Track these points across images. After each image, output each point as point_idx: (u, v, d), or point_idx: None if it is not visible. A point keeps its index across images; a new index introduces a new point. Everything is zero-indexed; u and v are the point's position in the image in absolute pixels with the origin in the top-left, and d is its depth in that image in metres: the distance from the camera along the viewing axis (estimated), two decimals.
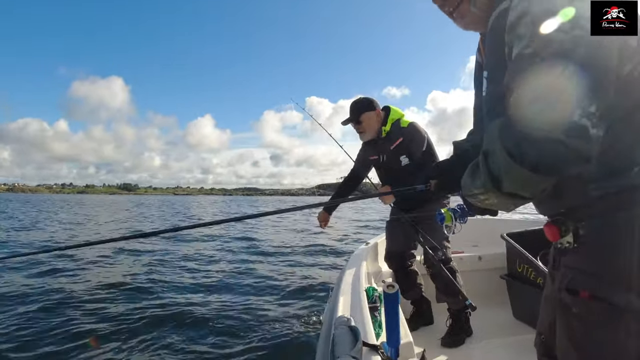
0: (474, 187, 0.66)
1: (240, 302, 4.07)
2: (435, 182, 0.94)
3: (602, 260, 0.64)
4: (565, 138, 0.50)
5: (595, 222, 0.65)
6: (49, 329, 3.23)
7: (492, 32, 0.73)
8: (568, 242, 0.68)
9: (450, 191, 0.87)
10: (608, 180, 0.62)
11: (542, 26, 0.53)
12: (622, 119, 0.61)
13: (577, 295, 0.66)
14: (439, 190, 0.94)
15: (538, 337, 0.86)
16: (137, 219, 16.42)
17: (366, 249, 2.60)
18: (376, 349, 1.10)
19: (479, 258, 2.77)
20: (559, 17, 0.52)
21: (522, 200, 0.62)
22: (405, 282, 2.28)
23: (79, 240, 8.43)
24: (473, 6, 0.78)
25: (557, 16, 0.52)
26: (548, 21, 0.52)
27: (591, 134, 0.50)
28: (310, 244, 8.72)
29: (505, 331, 2.19)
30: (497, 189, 0.60)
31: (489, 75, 0.78)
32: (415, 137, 2.13)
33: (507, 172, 0.56)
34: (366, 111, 2.15)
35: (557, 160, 0.51)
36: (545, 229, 0.70)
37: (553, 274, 0.77)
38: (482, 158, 0.61)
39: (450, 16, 0.84)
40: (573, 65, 0.50)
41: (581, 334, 0.67)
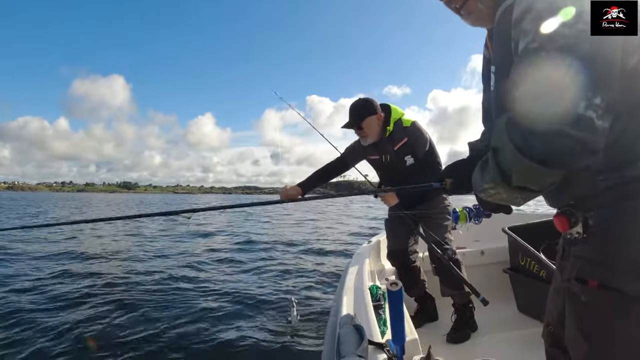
0: (484, 181, 0.66)
1: (245, 300, 4.08)
2: (450, 181, 0.95)
3: (610, 249, 0.65)
4: (571, 130, 0.50)
5: (604, 212, 0.66)
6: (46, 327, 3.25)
7: (498, 27, 0.74)
8: (577, 232, 0.69)
9: (465, 191, 0.87)
10: (616, 171, 0.63)
11: (547, 21, 0.53)
12: (627, 113, 0.61)
13: (586, 285, 0.67)
14: (454, 189, 0.94)
15: (546, 329, 0.87)
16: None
17: (368, 247, 2.61)
18: (382, 347, 1.11)
19: (482, 252, 2.78)
20: (562, 12, 0.52)
21: (532, 194, 0.63)
22: (409, 280, 2.29)
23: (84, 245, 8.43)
24: (480, 2, 0.79)
25: (560, 11, 0.52)
26: (552, 16, 0.53)
27: (597, 126, 0.51)
28: (315, 238, 8.74)
29: (510, 325, 2.20)
30: (507, 183, 0.60)
31: (497, 70, 0.79)
32: (420, 138, 2.12)
33: (516, 166, 0.57)
34: (368, 116, 2.07)
35: (565, 152, 0.52)
36: (555, 219, 0.70)
37: (562, 264, 0.78)
38: (491, 153, 0.62)
39: (457, 13, 0.83)
40: (577, 59, 0.51)
41: (590, 323, 0.68)
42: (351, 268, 2.04)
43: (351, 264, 2.15)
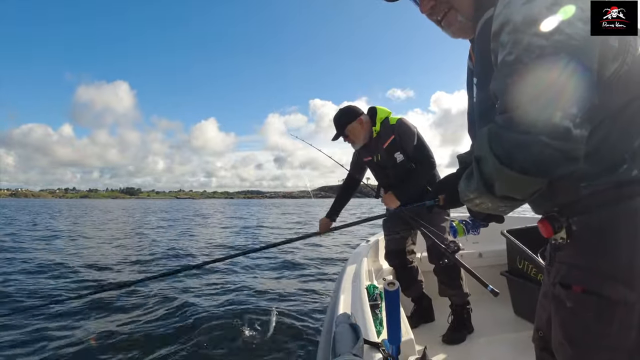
0: (469, 191, 0.67)
1: (240, 300, 4.09)
2: (443, 197, 0.96)
3: (593, 254, 0.65)
4: (549, 140, 0.51)
5: (587, 218, 0.66)
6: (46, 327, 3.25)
7: (479, 39, 0.75)
8: (562, 237, 0.69)
9: (459, 204, 0.88)
10: (597, 178, 0.64)
11: (523, 33, 0.54)
12: (608, 119, 0.62)
13: (571, 290, 0.68)
14: (448, 205, 0.97)
15: (536, 333, 0.88)
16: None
17: (366, 246, 2.61)
18: (377, 347, 1.11)
19: (480, 255, 2.78)
20: (539, 24, 0.53)
21: (516, 202, 0.64)
22: (406, 280, 2.29)
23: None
24: (460, 15, 0.80)
25: (537, 23, 0.53)
26: (528, 28, 0.54)
27: (574, 134, 0.52)
28: (312, 242, 8.74)
29: (506, 328, 2.20)
30: (491, 193, 0.61)
31: (478, 82, 0.80)
32: (406, 132, 2.15)
33: (498, 175, 0.58)
34: (348, 124, 2.20)
35: (544, 161, 0.53)
36: (539, 225, 0.71)
37: (549, 269, 0.79)
38: (475, 164, 0.63)
39: (438, 24, 0.85)
40: (554, 69, 0.52)
41: (575, 328, 0.68)
42: (349, 267, 2.04)
43: (349, 263, 2.15)
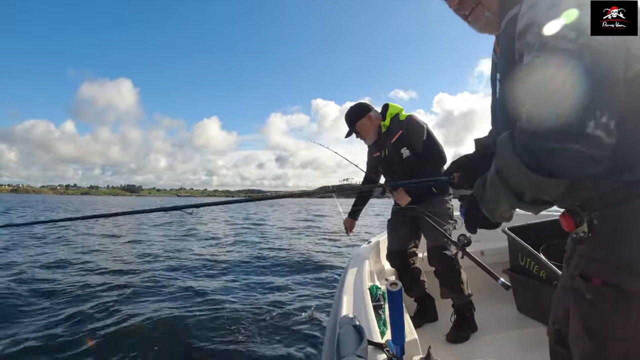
0: (500, 210, 0.69)
1: (243, 300, 4.08)
2: (458, 175, 0.98)
3: (613, 248, 0.67)
4: (581, 147, 0.53)
5: (607, 213, 0.68)
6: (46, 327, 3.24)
7: (504, 35, 0.76)
8: (583, 231, 0.71)
9: (471, 186, 0.90)
10: (619, 175, 0.65)
11: (550, 36, 0.55)
12: (630, 119, 0.63)
13: (590, 282, 0.69)
14: (462, 183, 0.98)
15: (552, 326, 0.88)
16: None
17: (368, 247, 2.61)
18: (382, 348, 1.11)
19: (482, 253, 2.77)
20: (565, 27, 0.53)
21: (545, 205, 0.67)
22: (409, 280, 2.29)
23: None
24: (487, 10, 0.82)
25: (563, 25, 0.54)
26: (555, 31, 0.54)
27: (605, 143, 0.53)
28: (317, 240, 8.74)
29: (509, 325, 2.20)
30: (521, 201, 0.64)
31: (502, 78, 0.81)
32: (414, 128, 2.15)
33: (525, 181, 0.60)
34: (357, 120, 2.24)
35: (573, 165, 0.55)
36: (561, 219, 0.72)
37: (568, 262, 0.80)
38: (497, 177, 0.65)
39: (465, 19, 0.87)
40: (582, 74, 0.52)
41: (593, 319, 0.69)
42: (351, 268, 2.03)
43: (351, 264, 2.14)
